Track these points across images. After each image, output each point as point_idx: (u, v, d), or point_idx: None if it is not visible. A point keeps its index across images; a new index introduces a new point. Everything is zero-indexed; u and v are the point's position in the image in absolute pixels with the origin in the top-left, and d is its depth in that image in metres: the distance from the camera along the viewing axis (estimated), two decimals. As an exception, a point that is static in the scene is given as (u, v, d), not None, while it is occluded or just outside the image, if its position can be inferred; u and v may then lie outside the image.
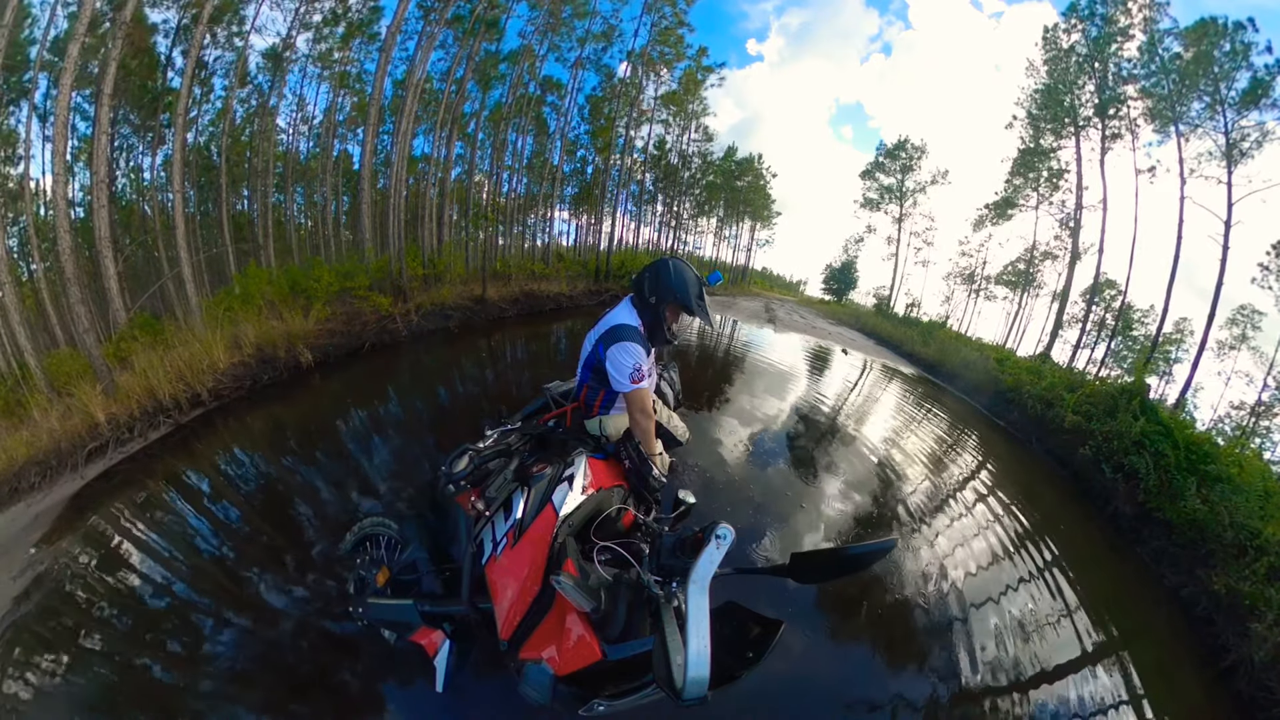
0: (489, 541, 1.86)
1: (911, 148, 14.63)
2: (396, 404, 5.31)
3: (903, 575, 4.22)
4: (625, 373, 2.19)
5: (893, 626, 3.74)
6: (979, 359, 10.47)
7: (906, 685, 3.38)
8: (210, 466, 4.20)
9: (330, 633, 2.75)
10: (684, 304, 2.28)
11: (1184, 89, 8.26)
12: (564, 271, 11.92)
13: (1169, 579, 5.49)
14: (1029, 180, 11.48)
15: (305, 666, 2.64)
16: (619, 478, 2.14)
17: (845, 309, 16.00)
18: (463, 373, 6.42)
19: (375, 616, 2.13)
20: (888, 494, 5.50)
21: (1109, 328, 10.21)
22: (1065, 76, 10.11)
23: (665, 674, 1.15)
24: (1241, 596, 4.88)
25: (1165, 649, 4.66)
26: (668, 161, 15.88)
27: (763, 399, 6.96)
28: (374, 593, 2.18)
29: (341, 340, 6.50)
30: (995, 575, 4.76)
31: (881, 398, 9.47)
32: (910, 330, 12.74)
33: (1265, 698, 4.15)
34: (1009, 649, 3.98)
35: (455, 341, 7.53)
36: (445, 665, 1.85)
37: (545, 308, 10.01)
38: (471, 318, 8.41)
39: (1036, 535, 5.80)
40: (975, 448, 7.93)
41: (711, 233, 18.54)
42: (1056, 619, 4.53)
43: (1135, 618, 4.95)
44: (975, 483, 6.86)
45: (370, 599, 2.14)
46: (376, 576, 2.23)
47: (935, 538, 5.01)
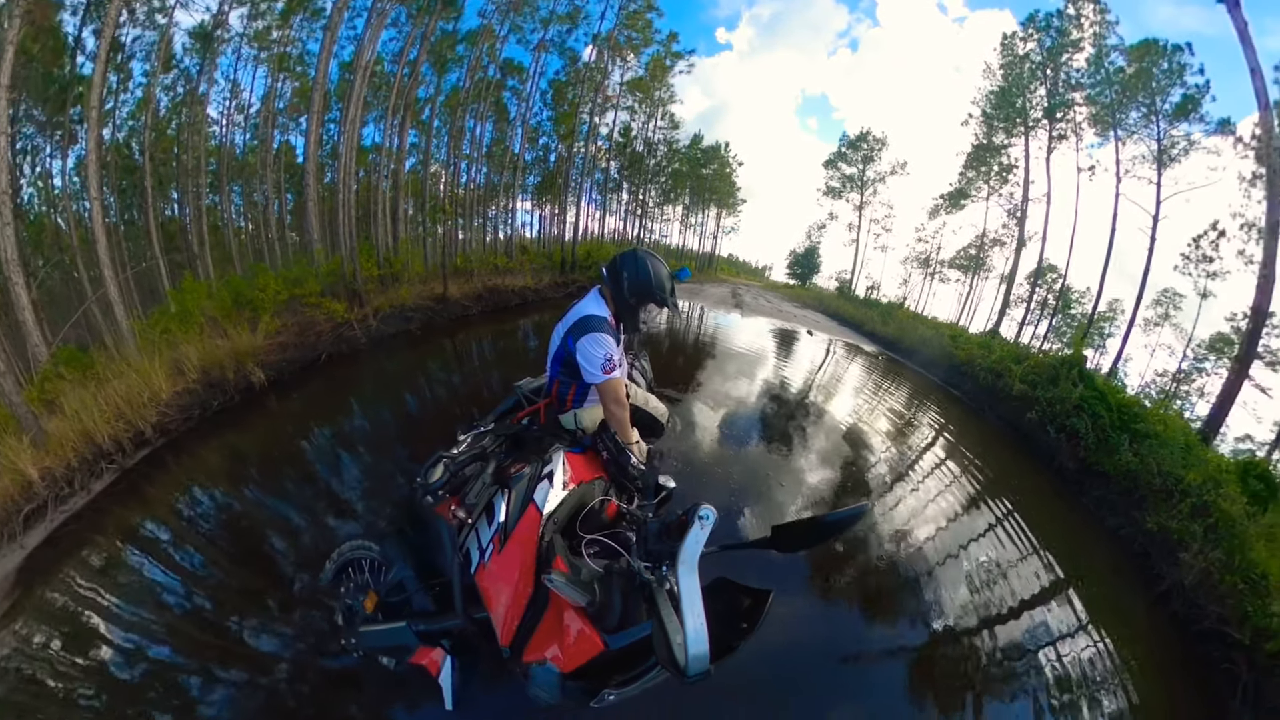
0: (475, 549, 1.82)
1: (873, 139, 15.44)
2: (362, 417, 4.97)
3: (878, 536, 4.57)
4: (597, 364, 2.17)
5: (873, 583, 4.04)
6: (934, 336, 11.26)
7: (891, 634, 3.69)
8: (167, 512, 3.73)
9: (327, 670, 2.60)
10: (659, 300, 2.29)
11: (1125, 99, 9.42)
12: (528, 264, 11.25)
13: (1109, 521, 6.15)
14: (981, 173, 12.59)
15: (308, 710, 2.50)
16: (598, 470, 2.13)
17: (809, 292, 16.62)
18: (429, 377, 6.11)
19: (370, 645, 2.02)
20: (857, 463, 5.84)
21: (1050, 307, 11.56)
22: (1019, 81, 11.17)
23: (667, 655, 1.18)
24: (1170, 532, 5.52)
25: (1109, 580, 5.24)
26: (633, 149, 15.74)
27: (734, 381, 7.06)
28: (365, 620, 2.06)
29: (295, 354, 5.89)
30: (959, 528, 5.20)
31: (846, 374, 9.92)
32: (871, 311, 13.51)
33: (1195, 613, 4.75)
34: (978, 591, 4.38)
35: (418, 345, 7.10)
36: (451, 682, 1.80)
37: (510, 303, 9.58)
38: (434, 318, 7.88)
39: (993, 490, 6.33)
40: (934, 416, 8.45)
41: (678, 220, 18.64)
42: (1016, 562, 5.03)
43: (1083, 556, 5.51)
44: (936, 447, 7.36)
45: (362, 628, 2.01)
46: (364, 603, 2.11)
47: (903, 499, 5.41)
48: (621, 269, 2.28)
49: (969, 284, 13.28)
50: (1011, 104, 11.31)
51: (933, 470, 6.55)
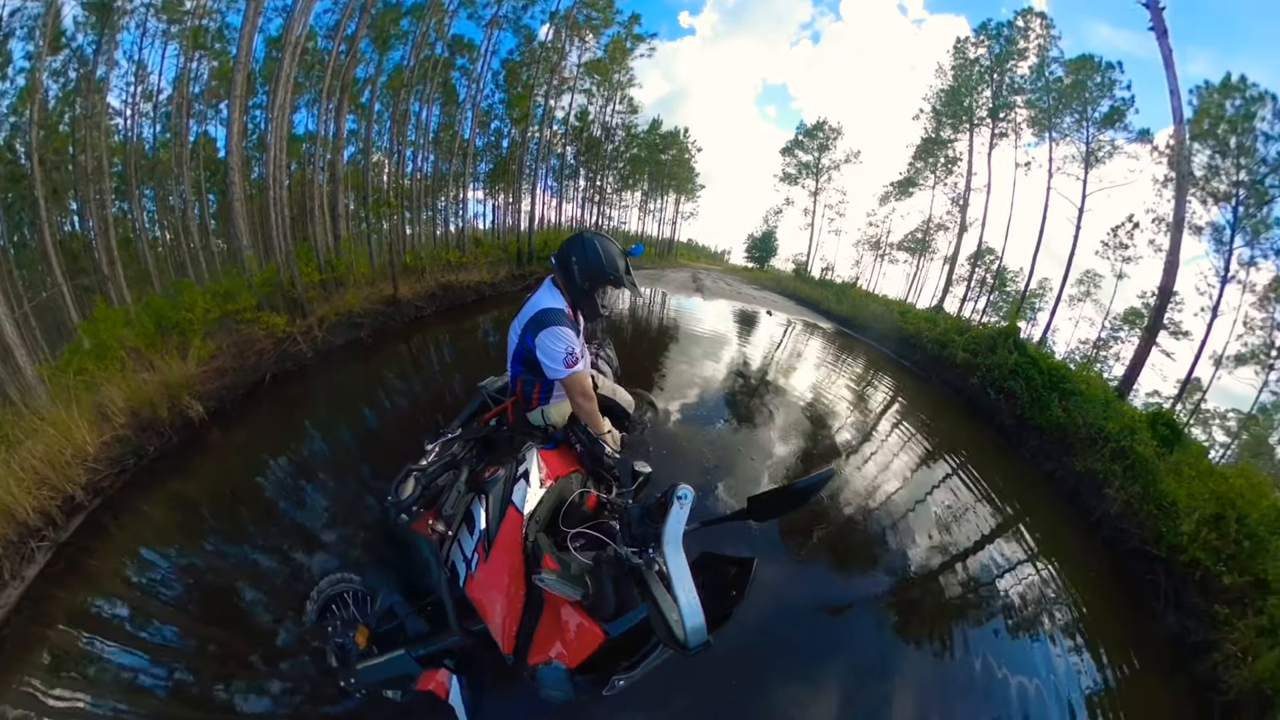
0: (460, 561, 1.77)
1: (829, 129, 15.87)
2: (319, 440, 4.51)
3: (846, 496, 4.91)
4: (559, 358, 2.08)
5: (846, 538, 4.36)
6: (885, 313, 11.97)
7: (867, 581, 4.04)
8: (120, 585, 3.21)
9: (331, 717, 2.42)
10: (614, 280, 2.19)
11: (1060, 106, 10.57)
12: (483, 258, 10.23)
13: (1044, 467, 6.84)
14: (929, 165, 13.56)
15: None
16: (573, 463, 2.10)
17: (767, 275, 17.11)
18: (387, 387, 5.59)
19: (371, 680, 1.90)
20: (821, 432, 6.17)
21: (988, 285, 12.91)
22: (968, 82, 12.21)
23: (667, 633, 1.22)
24: (1096, 473, 6.24)
25: (1048, 516, 5.90)
26: (590, 134, 15.24)
27: (699, 364, 7.15)
28: (360, 656, 1.94)
29: (235, 378, 5.20)
30: (918, 482, 5.68)
31: (805, 351, 10.34)
32: (826, 291, 14.14)
33: (1121, 537, 5.52)
34: (939, 534, 4.83)
35: (371, 353, 6.50)
36: (462, 702, 1.73)
37: (467, 300, 8.85)
38: (385, 322, 7.19)
39: (944, 447, 6.89)
40: (887, 385, 8.99)
41: (636, 206, 18.50)
42: (969, 506, 5.56)
43: (1024, 498, 6.15)
44: (891, 412, 7.87)
45: (359, 665, 1.90)
46: (356, 638, 1.99)
47: (866, 461, 5.82)
48: (570, 254, 2.17)
49: (916, 265, 14.49)
50: (960, 103, 12.35)
51: (890, 433, 7.05)
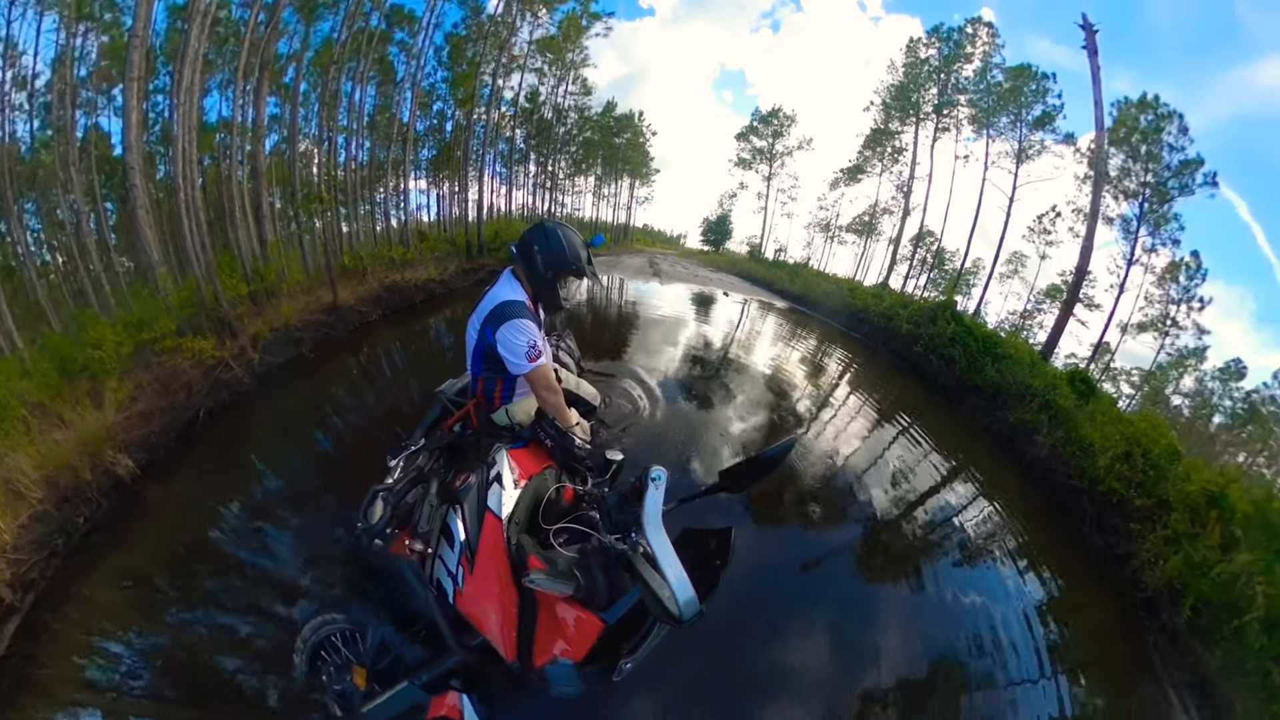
0: (446, 577, 1.71)
1: (783, 116, 16.39)
2: (271, 475, 4.05)
3: (810, 459, 5.21)
4: (521, 352, 2.03)
5: (814, 500, 4.64)
6: (835, 290, 12.67)
7: (837, 533, 4.37)
8: (80, 690, 2.76)
9: None
10: (577, 271, 2.18)
11: (998, 107, 11.84)
12: (429, 253, 9.73)
13: (982, 420, 7.54)
14: (876, 154, 14.58)
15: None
16: (545, 459, 2.07)
17: (723, 257, 17.50)
18: (338, 405, 5.08)
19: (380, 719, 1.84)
20: (782, 403, 6.46)
21: (929, 264, 14.27)
22: (917, 79, 13.20)
23: (661, 610, 1.27)
24: (1026, 423, 6.96)
25: (988, 462, 6.53)
26: (541, 116, 14.64)
27: (661, 347, 7.17)
28: (363, 699, 1.85)
29: (164, 420, 4.50)
30: (873, 440, 6.13)
31: (762, 328, 10.74)
32: (779, 271, 14.76)
33: (1050, 475, 6.26)
34: (896, 485, 5.27)
35: (316, 370, 5.86)
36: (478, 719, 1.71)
37: (415, 300, 8.18)
38: (328, 333, 6.45)
39: (894, 408, 7.44)
40: (840, 356, 9.53)
41: (590, 192, 18.11)
42: (920, 458, 6.08)
43: (967, 448, 6.78)
44: (845, 381, 8.37)
45: (364, 708, 1.80)
46: (354, 681, 1.90)
47: (825, 426, 6.20)
48: (532, 244, 2.14)
49: (863, 246, 15.59)
50: (908, 98, 13.36)
51: (845, 399, 7.52)
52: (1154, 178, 9.35)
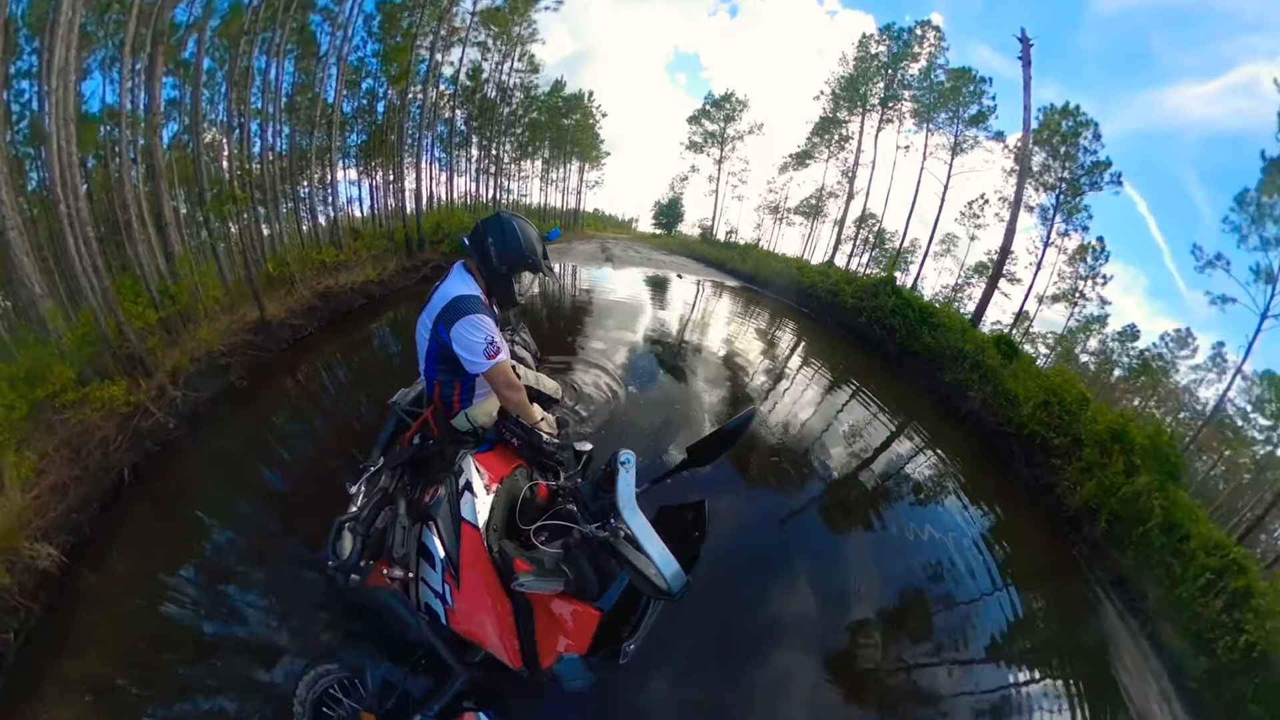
0: (433, 599, 1.65)
1: (736, 101, 16.35)
2: (221, 529, 3.56)
3: (771, 426, 5.48)
4: (478, 349, 1.92)
5: (779, 463, 4.90)
6: (785, 269, 13.18)
7: (803, 490, 4.65)
8: None
9: None
10: (533, 265, 2.09)
11: (938, 104, 12.85)
12: (365, 252, 8.73)
13: (921, 382, 8.15)
14: (824, 140, 15.17)
15: None
16: (513, 459, 2.01)
17: (675, 240, 17.55)
18: (281, 435, 4.57)
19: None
20: (740, 376, 6.70)
21: (871, 244, 15.18)
22: (866, 73, 13.95)
23: (651, 588, 1.30)
24: (960, 381, 7.63)
25: (929, 416, 7.13)
26: (484, 95, 13.55)
27: (618, 333, 7.06)
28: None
29: (84, 490, 3.80)
30: (826, 404, 6.55)
31: (716, 308, 11.04)
32: (731, 252, 15.12)
33: (983, 424, 6.98)
34: (851, 442, 5.67)
35: (250, 398, 5.09)
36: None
37: (354, 305, 7.32)
38: (259, 355, 5.66)
39: (843, 375, 7.90)
40: (791, 330, 9.97)
41: (537, 177, 17.64)
42: (870, 418, 6.48)
43: (910, 406, 7.32)
44: (797, 352, 8.79)
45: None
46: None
47: (782, 395, 6.52)
48: (486, 236, 2.04)
49: (810, 227, 16.27)
50: (856, 90, 14.11)
51: (799, 369, 7.92)
52: (1069, 174, 10.92)
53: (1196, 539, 4.95)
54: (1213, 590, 4.44)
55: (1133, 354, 11.34)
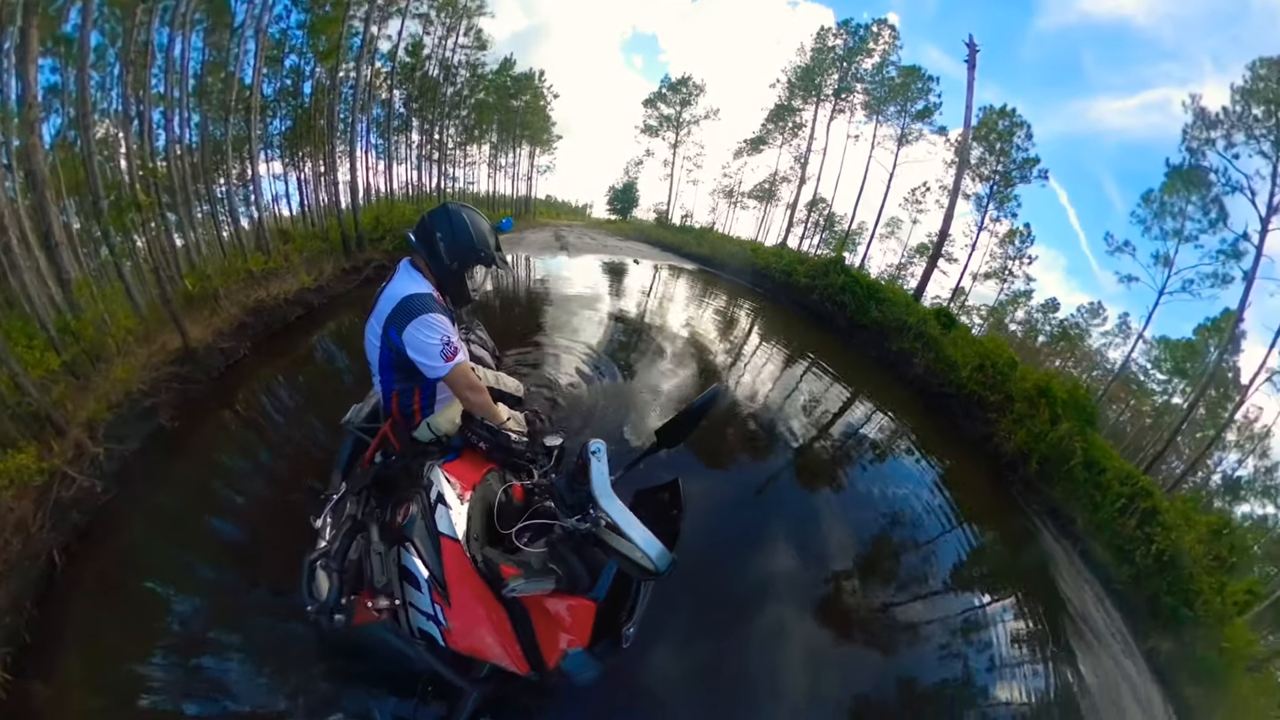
0: (426, 623, 1.59)
1: (693, 85, 16.68)
2: (178, 598, 3.12)
3: (735, 402, 5.66)
4: (435, 352, 1.80)
5: (746, 436, 5.10)
6: (739, 251, 13.68)
7: (772, 460, 4.87)
8: None
9: None
10: (485, 259, 1.97)
11: (888, 98, 13.86)
12: (297, 256, 7.87)
13: (871, 352, 8.69)
14: (779, 127, 15.91)
15: None
16: (483, 464, 1.94)
17: (630, 225, 17.61)
18: (228, 477, 4.04)
19: None
20: (703, 357, 6.82)
21: (821, 226, 16.30)
22: (822, 64, 14.74)
23: (639, 570, 1.33)
24: (906, 350, 8.22)
25: (879, 383, 7.64)
26: (425, 73, 12.55)
27: (578, 324, 6.97)
28: None
29: (11, 589, 3.20)
30: (786, 377, 6.87)
31: (674, 291, 11.19)
32: (687, 236, 15.49)
33: (928, 386, 7.59)
34: (811, 411, 6.00)
35: (184, 442, 4.39)
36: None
37: (290, 318, 6.52)
38: (187, 389, 4.94)
39: (798, 350, 8.26)
40: (748, 309, 10.30)
41: (485, 162, 16.65)
42: (826, 388, 6.87)
43: (862, 374, 7.77)
44: (755, 330, 9.11)
45: None
46: None
47: (743, 372, 6.76)
48: (435, 230, 1.92)
49: (763, 211, 17.12)
50: (812, 80, 14.85)
51: (758, 346, 8.22)
52: (1003, 168, 12.31)
53: (1111, 472, 5.91)
54: (1127, 512, 5.47)
55: (1054, 323, 13.28)
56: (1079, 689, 3.68)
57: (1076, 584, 4.73)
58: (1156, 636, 4.73)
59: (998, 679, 3.50)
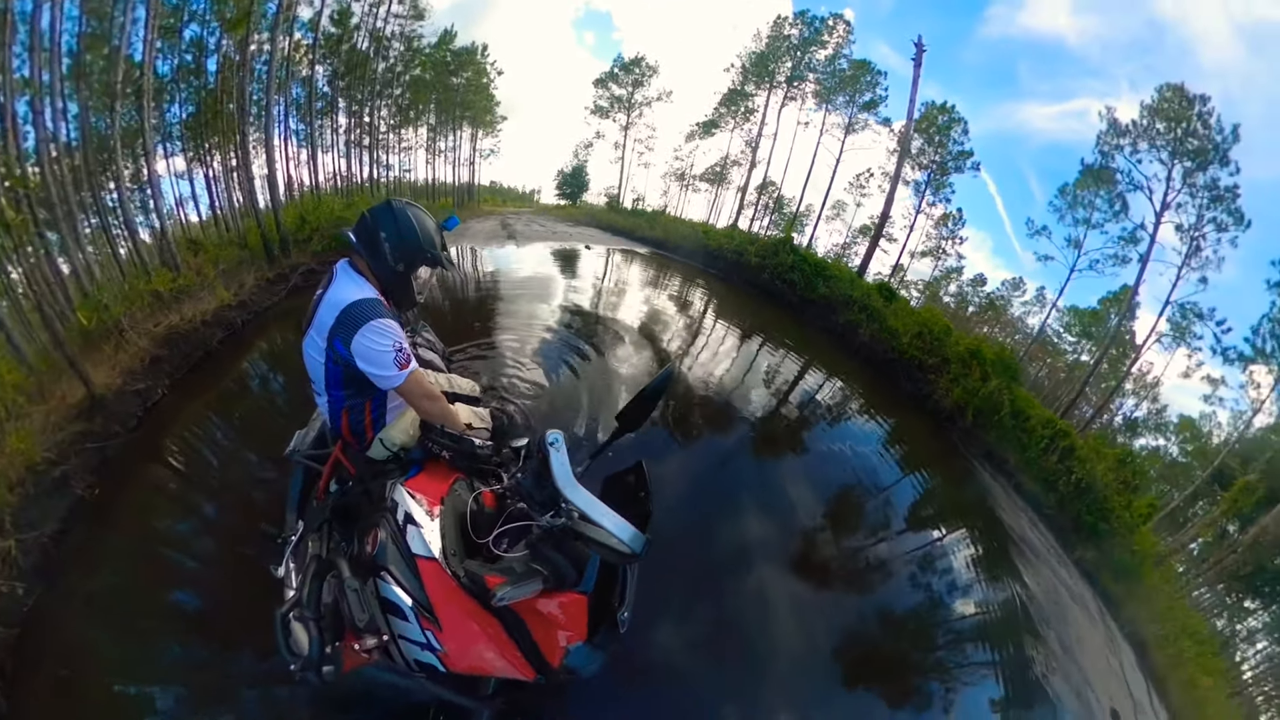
0: (421, 652, 1.54)
1: (646, 66, 16.66)
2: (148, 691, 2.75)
3: (694, 380, 5.80)
4: (387, 360, 1.68)
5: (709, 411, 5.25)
6: (692, 233, 13.94)
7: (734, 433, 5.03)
8: None
9: None
10: (432, 259, 1.86)
11: (838, 88, 14.76)
12: (211, 268, 6.79)
13: (819, 324, 9.18)
14: (731, 111, 16.38)
15: None
16: (448, 474, 1.87)
17: (581, 210, 17.39)
18: (168, 542, 3.46)
19: None
20: (661, 338, 6.92)
21: (770, 208, 17.17)
22: (776, 52, 15.30)
23: (617, 555, 1.35)
24: (852, 322, 8.76)
25: (828, 353, 8.08)
26: (353, 45, 11.36)
27: (529, 317, 6.79)
28: None
29: None
30: (742, 353, 7.12)
31: (628, 276, 11.22)
32: (639, 220, 15.58)
33: (874, 352, 8.18)
34: (767, 382, 6.28)
35: (108, 512, 3.70)
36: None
37: (212, 343, 5.57)
38: (101, 449, 4.10)
39: (751, 326, 8.58)
40: (701, 289, 10.53)
41: (422, 147, 15.11)
42: (781, 360, 7.21)
43: (812, 346, 8.19)
44: (709, 310, 9.35)
45: None
46: None
47: (700, 351, 6.95)
48: (377, 230, 1.79)
49: (715, 193, 17.61)
50: (766, 67, 15.34)
51: (713, 324, 8.45)
52: (940, 158, 13.58)
53: (1035, 419, 6.81)
54: (1049, 450, 6.53)
55: (981, 295, 14.88)
56: (1027, 595, 4.25)
57: (1013, 512, 5.41)
58: (1082, 547, 5.74)
59: (960, 597, 3.95)
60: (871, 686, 3.22)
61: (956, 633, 3.77)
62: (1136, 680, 5.25)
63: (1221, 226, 10.11)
